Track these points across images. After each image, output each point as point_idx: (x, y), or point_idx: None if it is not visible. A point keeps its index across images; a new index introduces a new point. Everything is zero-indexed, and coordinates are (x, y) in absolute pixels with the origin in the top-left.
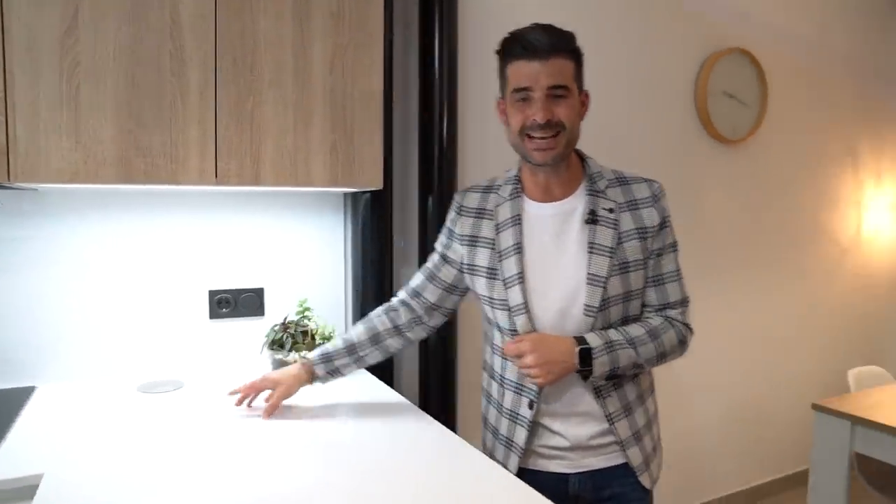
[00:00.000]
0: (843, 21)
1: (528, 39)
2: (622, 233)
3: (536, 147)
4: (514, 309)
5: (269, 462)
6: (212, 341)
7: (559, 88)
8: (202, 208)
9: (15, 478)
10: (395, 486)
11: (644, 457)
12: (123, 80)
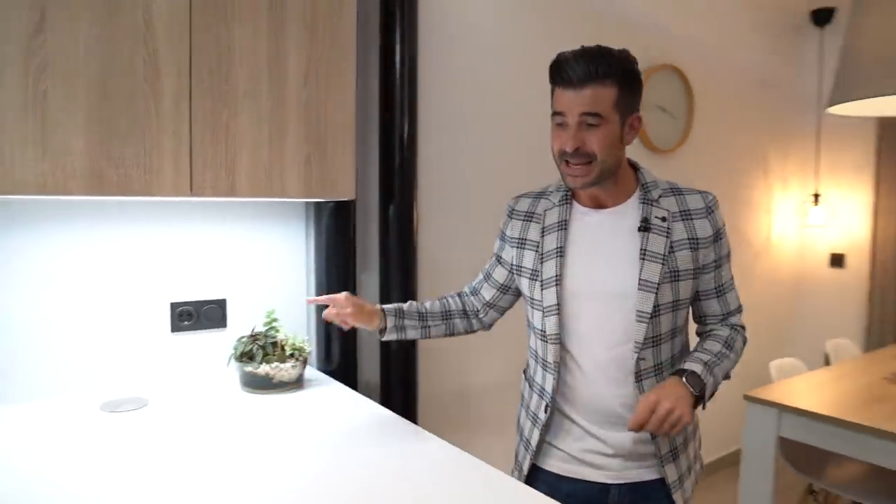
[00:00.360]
0: (758, 41)
1: (564, 68)
2: (674, 241)
3: (570, 173)
4: (546, 310)
5: (242, 483)
6: (174, 356)
7: (591, 116)
8: (161, 218)
9: None
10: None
11: (679, 474)
12: (95, 87)
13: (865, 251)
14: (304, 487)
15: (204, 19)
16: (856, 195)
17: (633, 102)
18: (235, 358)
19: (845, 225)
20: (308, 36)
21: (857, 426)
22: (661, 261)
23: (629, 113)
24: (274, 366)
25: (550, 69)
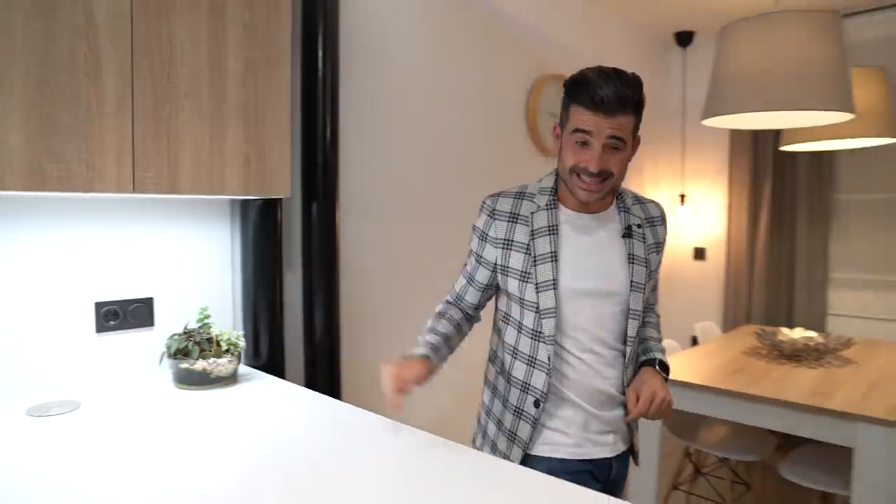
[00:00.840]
0: (632, 57)
1: (598, 94)
2: (648, 245)
3: (584, 187)
4: (543, 312)
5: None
6: (101, 356)
7: (617, 140)
8: (83, 217)
9: None
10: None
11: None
12: (34, 81)
13: (722, 245)
14: (260, 479)
15: (145, 16)
16: (714, 196)
17: (639, 126)
18: (169, 355)
19: (706, 222)
20: (247, 37)
21: (725, 392)
22: (644, 264)
23: (636, 135)
24: (211, 361)
25: (574, 87)
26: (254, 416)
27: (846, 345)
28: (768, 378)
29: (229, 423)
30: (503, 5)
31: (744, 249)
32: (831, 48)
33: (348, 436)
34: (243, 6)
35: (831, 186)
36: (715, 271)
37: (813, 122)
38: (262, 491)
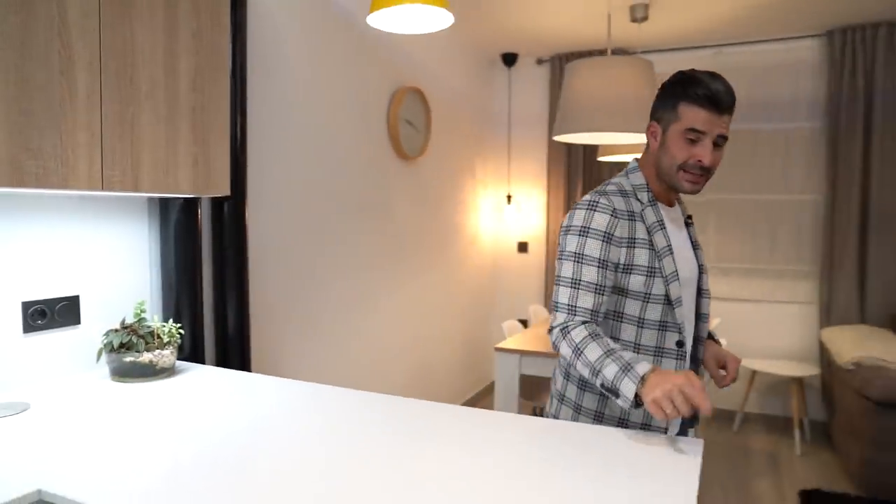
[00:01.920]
0: (469, 73)
1: (714, 93)
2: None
3: (689, 180)
4: (675, 301)
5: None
6: (31, 356)
7: (722, 139)
8: (5, 213)
9: None
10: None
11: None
12: (13, 77)
13: (542, 239)
14: (253, 441)
15: (111, 17)
16: (535, 196)
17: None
18: (111, 349)
19: (528, 220)
20: (195, 44)
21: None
22: (700, 248)
23: None
24: (156, 353)
25: (689, 84)
26: (212, 399)
27: None
28: None
29: (195, 406)
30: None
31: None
32: (646, 85)
33: (296, 404)
34: (191, 14)
35: None
36: (536, 262)
37: (631, 140)
38: (261, 447)
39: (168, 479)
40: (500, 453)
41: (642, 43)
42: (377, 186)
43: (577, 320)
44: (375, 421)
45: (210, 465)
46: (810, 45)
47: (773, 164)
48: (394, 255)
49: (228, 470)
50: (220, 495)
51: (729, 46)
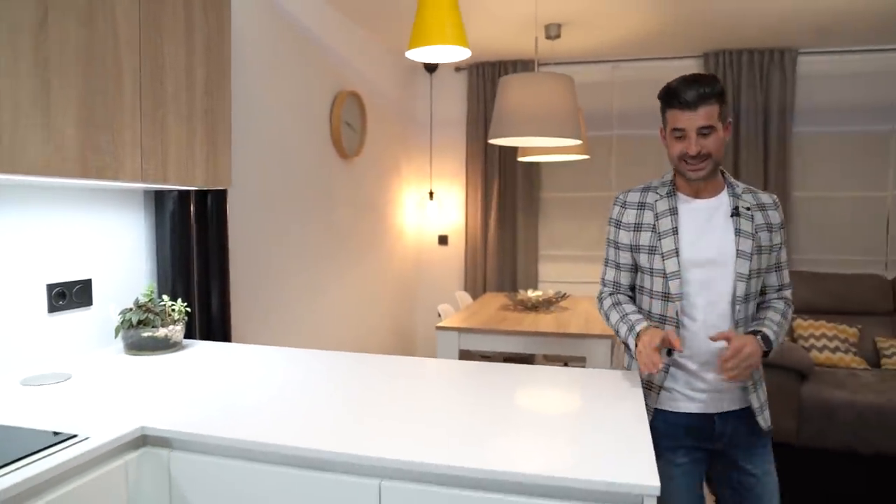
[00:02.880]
0: (396, 79)
1: (681, 96)
2: (757, 224)
3: (690, 168)
4: (670, 275)
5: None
6: (55, 334)
7: (706, 128)
8: (29, 203)
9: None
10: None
11: (759, 404)
12: (82, 82)
13: (461, 233)
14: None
15: (149, 32)
16: (454, 193)
17: (727, 113)
18: (129, 326)
19: (448, 215)
20: (206, 56)
21: (503, 330)
22: (749, 237)
23: (726, 120)
24: (170, 328)
25: (666, 95)
26: (229, 363)
27: (563, 298)
28: (524, 321)
29: (221, 368)
30: (314, 29)
31: (478, 235)
32: (568, 98)
33: (297, 363)
34: (203, 28)
35: (539, 187)
36: (456, 253)
37: (555, 143)
38: (294, 388)
39: (251, 414)
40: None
41: (554, 56)
42: (323, 184)
43: (606, 291)
44: (353, 370)
45: (275, 400)
46: (690, 65)
47: (660, 163)
48: (336, 247)
49: (289, 402)
50: (294, 419)
51: (624, 62)
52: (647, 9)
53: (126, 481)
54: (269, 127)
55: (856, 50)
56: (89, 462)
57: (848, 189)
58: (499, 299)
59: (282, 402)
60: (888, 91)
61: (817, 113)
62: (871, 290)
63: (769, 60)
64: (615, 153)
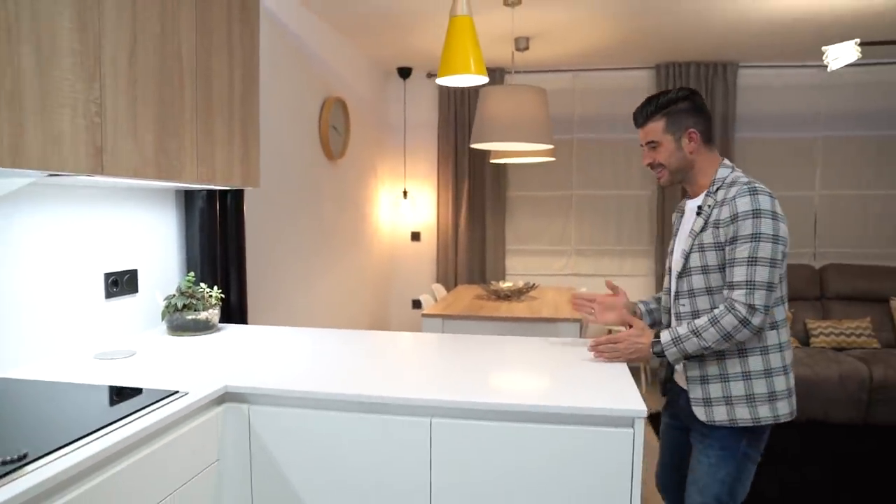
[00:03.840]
0: (372, 84)
1: (635, 118)
2: (708, 222)
3: (657, 176)
4: (666, 271)
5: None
6: (111, 317)
7: (651, 143)
8: (85, 201)
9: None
10: None
11: (704, 397)
12: (157, 96)
13: (433, 229)
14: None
15: (203, 50)
16: (427, 192)
17: (681, 123)
18: (175, 310)
19: (421, 213)
20: (241, 71)
21: (484, 317)
22: (694, 236)
23: (681, 131)
24: (210, 312)
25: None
26: (264, 341)
27: (532, 288)
28: (500, 309)
29: (260, 344)
30: (305, 40)
31: (449, 232)
32: (542, 108)
33: (325, 339)
34: (239, 44)
35: (506, 187)
36: (428, 249)
37: (531, 148)
38: (333, 355)
39: (308, 373)
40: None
41: (523, 65)
42: (312, 184)
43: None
44: (374, 342)
45: (322, 363)
46: (644, 75)
47: (616, 165)
48: (323, 243)
49: (336, 364)
50: (348, 375)
51: (585, 72)
52: (606, 25)
53: (217, 430)
54: (267, 131)
55: (787, 65)
56: (190, 414)
57: (782, 189)
58: (472, 290)
59: (329, 365)
60: (814, 102)
61: (756, 121)
62: (801, 279)
63: (713, 72)
64: (576, 155)
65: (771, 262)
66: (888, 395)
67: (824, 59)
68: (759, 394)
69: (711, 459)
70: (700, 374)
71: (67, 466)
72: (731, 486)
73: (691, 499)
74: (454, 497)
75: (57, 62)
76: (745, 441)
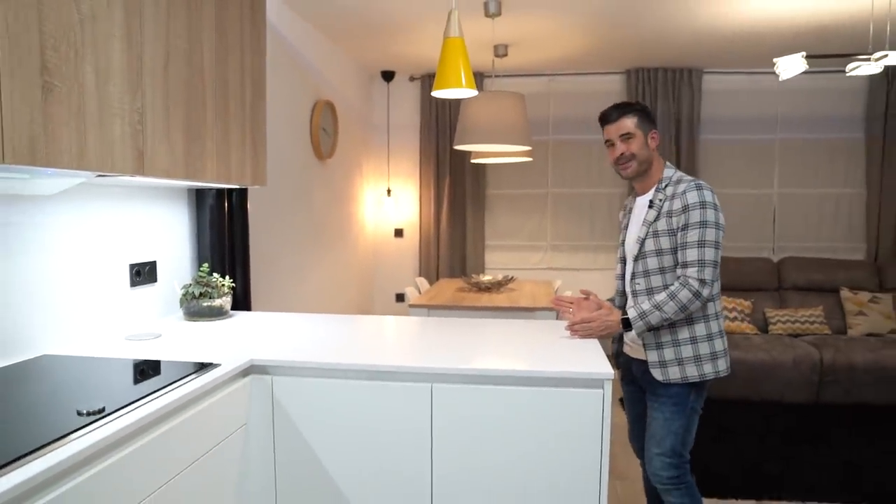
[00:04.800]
0: (357, 87)
1: (604, 116)
2: (661, 213)
3: (621, 169)
4: (618, 259)
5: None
6: (135, 304)
7: (626, 134)
8: (110, 198)
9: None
10: None
11: (660, 360)
12: (185, 104)
13: (416, 226)
14: (336, 339)
15: (221, 64)
16: (409, 190)
17: (648, 124)
18: (192, 297)
19: (404, 210)
20: (251, 80)
21: (463, 306)
22: (647, 225)
23: (648, 130)
24: (224, 299)
25: (600, 118)
26: (275, 325)
27: (510, 280)
28: (481, 299)
29: (271, 327)
30: (297, 45)
31: (431, 228)
32: (521, 112)
33: (329, 323)
34: (250, 55)
35: (485, 186)
36: (410, 245)
37: (510, 150)
38: (352, 338)
39: (322, 348)
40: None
41: (501, 70)
42: (304, 182)
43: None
44: (375, 325)
45: (333, 341)
46: (615, 79)
47: (590, 164)
48: (314, 238)
49: (346, 341)
50: (357, 349)
51: (559, 76)
52: (580, 33)
53: (245, 396)
54: (272, 130)
55: (747, 72)
56: (224, 381)
57: (743, 187)
58: (455, 283)
59: (339, 341)
60: (772, 107)
61: (719, 124)
62: (761, 271)
63: (680, 77)
64: (551, 155)
65: (715, 244)
66: (836, 377)
67: (775, 69)
68: (704, 354)
69: (666, 415)
70: (655, 341)
71: (138, 419)
72: (683, 437)
73: (650, 451)
74: (453, 451)
75: (110, 78)
76: (692, 395)
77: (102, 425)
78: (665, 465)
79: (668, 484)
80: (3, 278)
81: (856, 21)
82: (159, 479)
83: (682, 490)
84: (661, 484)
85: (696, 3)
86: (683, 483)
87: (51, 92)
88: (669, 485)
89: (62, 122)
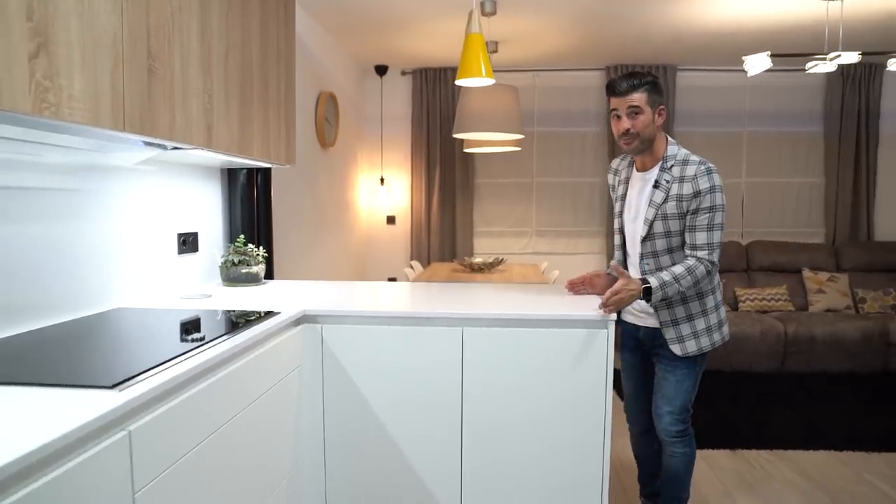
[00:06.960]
0: (354, 80)
1: (614, 84)
2: (670, 195)
3: (624, 144)
4: (617, 230)
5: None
6: (181, 270)
7: (634, 109)
8: (159, 174)
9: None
10: None
11: (678, 336)
12: (238, 90)
13: (407, 213)
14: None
15: (265, 60)
16: (402, 179)
17: (658, 100)
18: (231, 265)
19: (396, 198)
20: (284, 70)
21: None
22: (657, 207)
23: (656, 105)
24: (258, 267)
25: (607, 87)
26: (305, 287)
27: (500, 262)
28: (476, 278)
29: (304, 290)
30: (304, 39)
31: (422, 215)
32: (515, 104)
33: (356, 286)
34: (285, 48)
35: (474, 175)
36: (402, 231)
37: (504, 138)
38: (376, 295)
39: (361, 300)
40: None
41: (494, 65)
42: (309, 169)
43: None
44: (400, 286)
45: (369, 296)
46: (596, 75)
47: (572, 155)
48: (317, 222)
49: (381, 295)
50: (393, 300)
51: (544, 71)
52: (563, 31)
53: (299, 341)
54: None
55: (718, 69)
56: (284, 326)
57: None
58: (448, 266)
59: (377, 295)
60: (740, 101)
61: (692, 117)
62: (731, 254)
63: (655, 73)
64: (536, 146)
65: (721, 226)
66: (799, 348)
67: (744, 66)
68: (713, 324)
69: (678, 377)
70: (671, 318)
71: (233, 345)
72: (689, 394)
73: (661, 409)
74: (480, 386)
75: (190, 62)
76: (699, 358)
77: (208, 348)
78: (675, 420)
79: (676, 437)
80: (86, 239)
81: (814, 23)
82: (238, 406)
83: (685, 440)
84: (671, 437)
85: (671, 4)
86: (687, 435)
87: (153, 73)
88: (677, 437)
89: (161, 99)
